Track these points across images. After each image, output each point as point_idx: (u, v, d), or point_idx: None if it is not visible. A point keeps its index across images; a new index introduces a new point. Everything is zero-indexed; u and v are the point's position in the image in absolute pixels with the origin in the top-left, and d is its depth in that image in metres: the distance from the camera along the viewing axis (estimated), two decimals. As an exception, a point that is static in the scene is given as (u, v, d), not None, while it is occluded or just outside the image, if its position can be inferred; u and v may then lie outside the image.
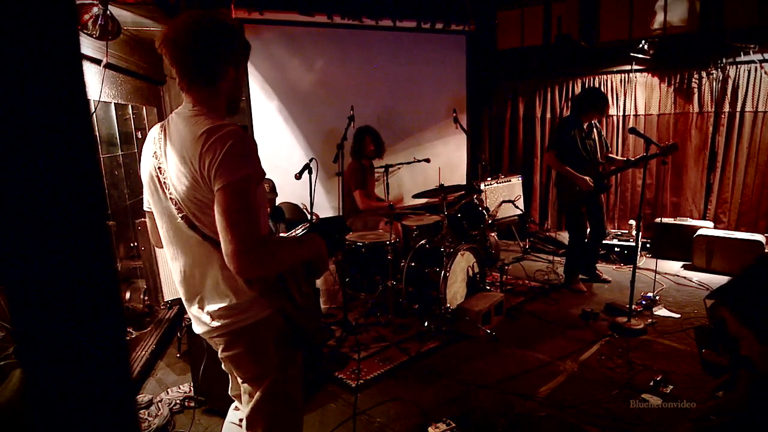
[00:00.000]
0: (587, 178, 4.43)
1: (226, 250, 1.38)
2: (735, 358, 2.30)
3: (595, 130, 4.64)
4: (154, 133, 1.62)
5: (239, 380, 1.73)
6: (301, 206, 4.03)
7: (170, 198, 1.54)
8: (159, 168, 1.56)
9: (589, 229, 4.78)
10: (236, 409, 1.94)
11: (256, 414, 1.67)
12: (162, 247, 1.69)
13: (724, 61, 5.29)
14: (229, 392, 1.92)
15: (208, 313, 1.60)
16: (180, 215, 1.53)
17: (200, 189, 1.46)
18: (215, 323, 1.60)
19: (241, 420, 1.77)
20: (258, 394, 1.66)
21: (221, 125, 1.46)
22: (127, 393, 0.57)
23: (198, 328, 1.68)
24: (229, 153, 1.39)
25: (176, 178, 1.50)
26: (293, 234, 3.78)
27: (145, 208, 1.74)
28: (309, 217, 3.85)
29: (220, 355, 1.70)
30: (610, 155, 4.73)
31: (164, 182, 1.55)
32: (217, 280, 1.57)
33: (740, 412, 2.04)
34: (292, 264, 1.60)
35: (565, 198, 4.64)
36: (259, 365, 1.65)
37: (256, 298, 1.57)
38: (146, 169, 1.63)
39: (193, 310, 1.67)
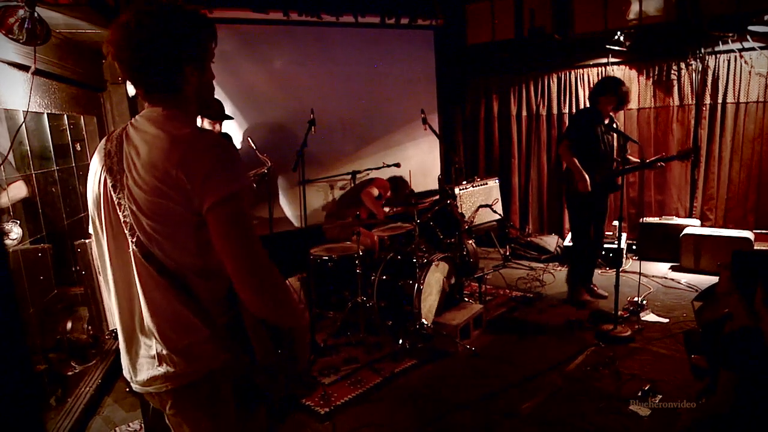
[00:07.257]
0: (588, 178, 4.25)
1: (239, 279, 1.36)
2: (716, 361, 2.32)
3: (615, 125, 4.45)
4: (106, 146, 1.45)
5: None
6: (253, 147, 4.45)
7: (124, 221, 1.38)
8: (114, 186, 1.39)
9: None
10: None
11: None
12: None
13: (702, 50, 5.40)
14: None
15: (154, 357, 1.44)
16: (133, 240, 1.38)
17: (170, 201, 1.32)
18: (159, 371, 1.44)
19: None
20: None
21: (205, 131, 1.42)
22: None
23: (138, 383, 1.51)
24: (221, 164, 1.32)
25: (137, 191, 1.35)
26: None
27: (91, 231, 1.55)
28: (260, 157, 4.30)
29: (167, 413, 1.53)
30: (629, 156, 4.37)
31: (119, 202, 1.38)
32: (167, 318, 1.42)
33: (723, 413, 2.06)
34: (284, 307, 1.47)
35: (571, 197, 4.50)
36: (216, 425, 1.51)
37: (208, 340, 1.43)
38: (94, 187, 1.47)
39: (131, 358, 1.53)
